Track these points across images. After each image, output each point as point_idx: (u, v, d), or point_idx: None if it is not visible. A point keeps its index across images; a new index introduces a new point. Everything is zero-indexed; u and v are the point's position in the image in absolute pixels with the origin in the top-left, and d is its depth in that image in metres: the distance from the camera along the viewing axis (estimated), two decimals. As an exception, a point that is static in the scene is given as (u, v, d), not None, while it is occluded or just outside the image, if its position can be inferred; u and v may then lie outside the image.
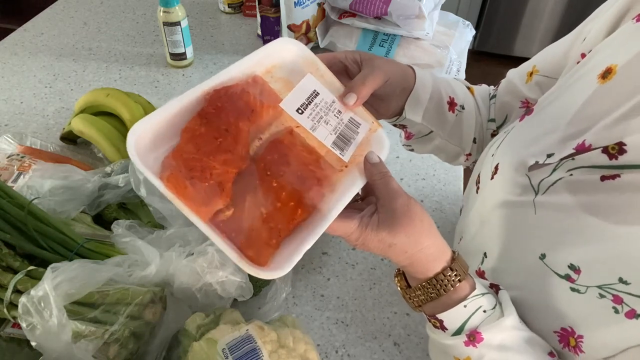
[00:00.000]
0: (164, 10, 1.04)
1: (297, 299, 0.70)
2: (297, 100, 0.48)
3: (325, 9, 1.19)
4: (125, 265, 0.58)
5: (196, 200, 0.40)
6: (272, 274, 0.40)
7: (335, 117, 0.49)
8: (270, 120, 0.47)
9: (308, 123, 0.48)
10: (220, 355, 0.51)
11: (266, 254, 0.41)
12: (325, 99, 0.49)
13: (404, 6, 1.08)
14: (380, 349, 0.65)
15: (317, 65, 0.51)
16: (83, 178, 0.70)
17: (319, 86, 0.50)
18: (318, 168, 0.46)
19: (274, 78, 0.50)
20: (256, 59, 0.49)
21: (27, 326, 0.50)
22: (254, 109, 0.46)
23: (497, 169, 0.55)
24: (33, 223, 0.60)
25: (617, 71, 0.47)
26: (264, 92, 0.48)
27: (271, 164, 0.44)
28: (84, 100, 0.89)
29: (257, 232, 0.42)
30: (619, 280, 0.41)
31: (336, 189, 0.46)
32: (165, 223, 0.66)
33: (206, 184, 0.41)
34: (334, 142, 0.48)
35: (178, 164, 0.41)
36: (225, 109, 0.44)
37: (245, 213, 0.42)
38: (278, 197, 0.43)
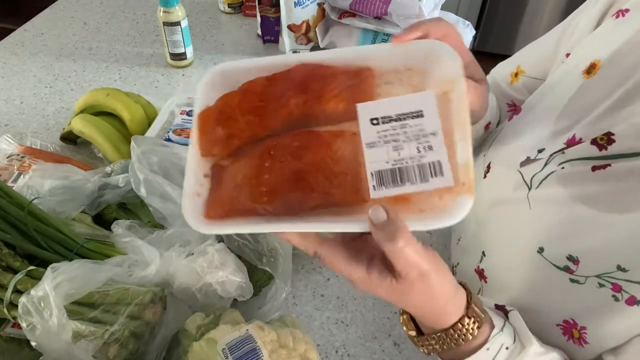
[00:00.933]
0: (164, 10, 1.04)
1: (297, 299, 0.70)
2: (384, 110, 0.39)
3: (325, 9, 1.19)
4: (125, 265, 0.58)
5: (207, 137, 0.43)
6: (200, 227, 0.40)
7: (416, 149, 0.38)
8: (338, 118, 0.42)
9: (370, 137, 0.39)
10: (220, 355, 0.51)
11: (218, 210, 0.41)
12: (426, 126, 0.38)
13: (404, 6, 1.08)
14: (380, 349, 0.65)
15: (453, 87, 0.39)
16: (83, 178, 0.70)
17: (432, 109, 0.38)
18: (327, 181, 0.39)
19: (401, 82, 0.42)
20: (388, 51, 0.42)
21: (27, 326, 0.50)
22: (321, 96, 0.41)
23: (489, 167, 0.56)
24: (33, 223, 0.60)
25: (600, 66, 0.48)
26: (358, 87, 0.41)
27: (282, 147, 0.41)
28: (84, 100, 0.89)
29: (226, 190, 0.42)
30: (617, 268, 0.42)
31: (343, 213, 0.40)
32: (165, 223, 0.66)
33: (221, 130, 0.43)
34: (380, 172, 0.38)
35: (219, 104, 0.44)
36: (293, 81, 0.42)
37: (231, 170, 0.43)
38: (257, 175, 0.41)
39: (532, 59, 0.64)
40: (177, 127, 0.84)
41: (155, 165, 0.67)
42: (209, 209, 0.42)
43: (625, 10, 0.50)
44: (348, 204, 0.40)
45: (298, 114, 0.42)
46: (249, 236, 0.63)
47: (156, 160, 0.67)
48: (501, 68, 0.69)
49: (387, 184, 0.38)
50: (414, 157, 0.38)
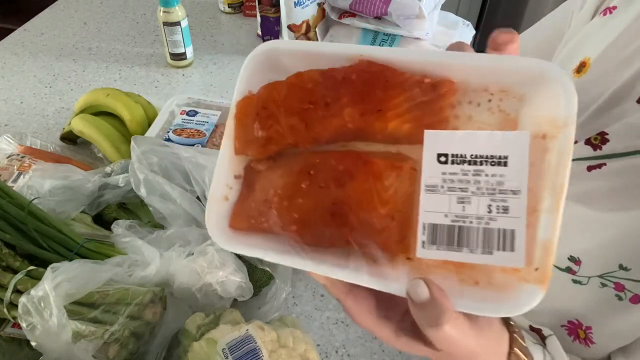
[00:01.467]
0: (164, 10, 1.04)
1: (297, 299, 0.70)
2: (458, 146, 0.30)
3: (325, 9, 1.19)
4: (125, 265, 0.58)
5: (243, 131, 0.37)
6: (215, 233, 0.36)
7: (487, 208, 0.30)
8: (399, 140, 0.34)
9: (432, 178, 0.31)
10: (220, 355, 0.51)
11: (242, 223, 0.37)
12: (507, 180, 0.29)
13: (404, 6, 1.08)
14: (380, 349, 0.65)
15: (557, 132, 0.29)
16: (83, 178, 0.70)
17: (521, 158, 0.29)
18: (368, 224, 0.33)
19: (490, 104, 0.32)
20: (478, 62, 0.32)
21: (27, 326, 0.50)
22: (384, 110, 0.33)
23: None
24: (33, 223, 0.60)
25: (590, 64, 0.48)
26: (429, 105, 0.33)
27: (325, 169, 0.34)
28: (84, 100, 0.89)
29: (255, 201, 0.37)
30: (619, 267, 0.42)
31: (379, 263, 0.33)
32: (165, 223, 0.66)
33: (259, 129, 0.37)
34: (435, 226, 0.30)
35: (262, 95, 0.37)
36: (351, 84, 0.35)
37: (266, 180, 0.37)
38: (291, 198, 0.35)
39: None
40: (177, 127, 0.84)
41: (155, 165, 0.67)
42: (234, 218, 0.37)
43: (613, 8, 0.50)
44: (388, 253, 0.33)
45: (351, 128, 0.35)
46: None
47: (156, 160, 0.67)
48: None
49: (440, 244, 0.30)
50: (481, 217, 0.30)
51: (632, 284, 0.41)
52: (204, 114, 0.86)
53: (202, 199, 0.66)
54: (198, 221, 0.66)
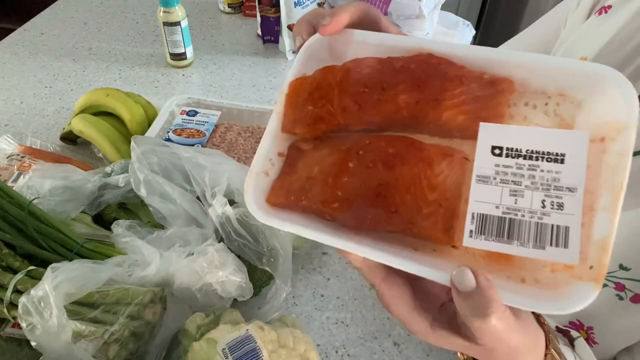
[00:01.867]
0: (164, 10, 1.04)
1: (297, 299, 0.70)
2: (513, 140, 0.30)
3: (325, 8, 1.19)
4: (125, 265, 0.58)
5: (294, 111, 0.38)
6: (254, 207, 0.35)
7: (541, 203, 0.29)
8: (451, 131, 0.34)
9: (485, 169, 0.30)
10: (220, 355, 0.51)
11: (281, 199, 0.36)
12: (563, 176, 0.29)
13: (404, 6, 1.08)
14: (380, 349, 0.65)
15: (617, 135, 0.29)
16: (83, 178, 0.70)
17: (580, 156, 0.29)
18: (415, 207, 0.32)
19: (547, 107, 0.33)
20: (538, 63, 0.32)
21: (27, 326, 0.50)
22: (440, 100, 0.33)
23: None
24: (33, 223, 0.60)
25: None
26: (486, 100, 0.33)
27: (374, 149, 0.34)
28: (84, 100, 0.89)
29: (296, 178, 0.36)
30: (619, 267, 0.42)
31: (419, 249, 0.33)
32: (165, 223, 0.66)
33: (310, 108, 0.37)
34: (485, 216, 0.30)
35: (317, 77, 0.38)
36: (409, 72, 0.35)
37: (308, 157, 0.37)
38: (336, 175, 0.35)
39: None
40: (177, 127, 0.84)
41: (155, 165, 0.67)
42: (272, 193, 0.37)
43: (608, 7, 0.50)
44: (432, 241, 0.33)
45: (405, 115, 0.34)
46: (249, 236, 0.63)
47: (156, 160, 0.67)
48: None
49: (488, 234, 0.30)
50: (534, 211, 0.29)
51: (632, 284, 0.41)
52: (204, 114, 0.86)
53: (202, 199, 0.66)
54: (198, 221, 0.66)
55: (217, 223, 0.63)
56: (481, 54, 0.34)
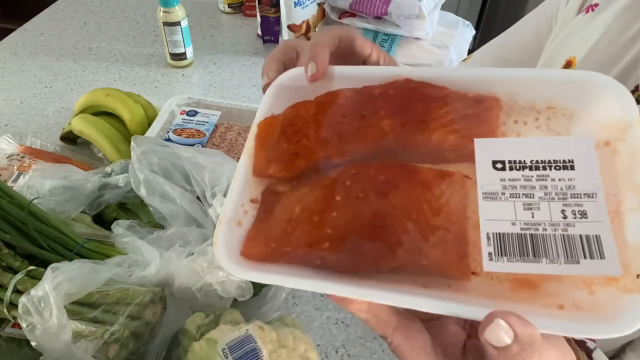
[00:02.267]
0: (164, 10, 1.04)
1: (297, 299, 0.70)
2: (513, 151, 0.28)
3: (325, 9, 1.19)
4: (125, 265, 0.58)
5: (265, 151, 0.34)
6: (226, 262, 0.30)
7: (561, 214, 0.27)
8: (443, 155, 0.31)
9: (491, 185, 0.28)
10: (220, 355, 0.51)
11: (258, 249, 0.31)
12: (578, 182, 0.27)
13: (404, 6, 1.08)
14: (380, 349, 0.65)
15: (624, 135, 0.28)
16: (83, 178, 0.70)
17: (589, 161, 0.27)
18: (420, 235, 0.28)
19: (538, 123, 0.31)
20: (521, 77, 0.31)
21: (27, 326, 0.50)
22: (426, 122, 0.31)
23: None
24: (33, 223, 0.60)
25: (577, 63, 0.48)
26: (475, 118, 0.31)
27: (362, 179, 0.31)
28: (84, 100, 0.89)
29: (274, 224, 0.32)
30: None
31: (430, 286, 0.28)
32: (165, 223, 0.66)
33: (285, 146, 0.34)
34: (502, 235, 0.27)
35: (288, 113, 0.35)
36: (388, 98, 0.33)
37: (288, 200, 0.33)
38: (321, 212, 0.31)
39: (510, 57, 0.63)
40: (177, 127, 0.84)
41: (155, 165, 0.67)
42: (248, 244, 0.32)
43: (595, 5, 0.50)
44: (446, 274, 0.28)
45: (391, 140, 0.32)
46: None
47: (156, 160, 0.67)
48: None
49: (511, 255, 0.26)
50: (556, 223, 0.26)
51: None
52: (204, 114, 0.86)
53: (202, 199, 0.66)
54: (198, 221, 0.66)
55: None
56: (460, 74, 0.32)
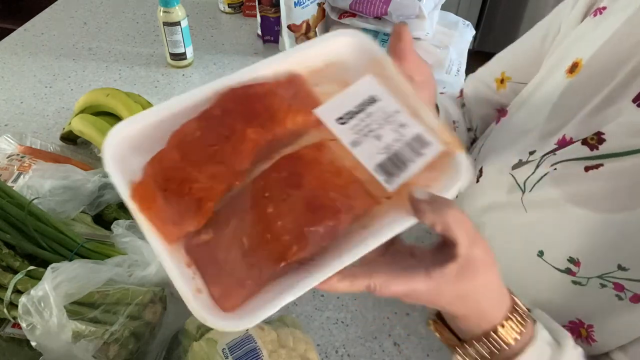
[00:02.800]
0: (164, 10, 1.04)
1: (297, 299, 0.70)
2: (342, 107, 0.37)
3: (325, 9, 1.19)
4: (125, 265, 0.58)
5: (163, 217, 0.34)
6: (230, 324, 0.31)
7: (392, 131, 0.37)
8: (300, 131, 0.38)
9: (348, 137, 0.36)
10: (220, 355, 0.51)
11: (235, 296, 0.33)
12: (386, 107, 0.37)
13: (404, 6, 1.08)
14: (380, 349, 0.65)
15: (383, 65, 0.39)
16: (83, 178, 0.70)
17: (381, 91, 0.38)
18: (343, 196, 0.35)
19: (326, 79, 0.40)
20: (300, 55, 0.40)
21: (27, 326, 0.50)
22: (275, 115, 0.37)
23: (482, 172, 0.55)
24: (33, 223, 0.60)
25: (583, 65, 0.48)
26: (300, 95, 0.38)
27: (274, 184, 0.35)
28: (84, 100, 0.89)
29: (231, 267, 0.33)
30: (617, 267, 0.42)
31: (369, 225, 0.35)
32: (165, 223, 0.66)
33: (181, 200, 0.34)
34: (380, 164, 0.36)
35: (154, 171, 0.35)
36: (233, 111, 0.36)
37: (224, 240, 0.34)
38: (269, 227, 0.33)
39: (516, 64, 0.63)
40: (177, 127, 0.84)
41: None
42: (224, 300, 0.33)
43: (603, 8, 0.50)
44: (370, 210, 0.36)
45: (263, 143, 0.36)
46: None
47: (156, 160, 0.67)
48: (483, 75, 0.67)
49: (393, 173, 0.35)
50: (397, 138, 0.37)
51: (631, 284, 0.41)
52: (204, 114, 0.86)
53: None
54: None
55: (217, 223, 0.63)
56: (260, 69, 0.38)
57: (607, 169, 0.43)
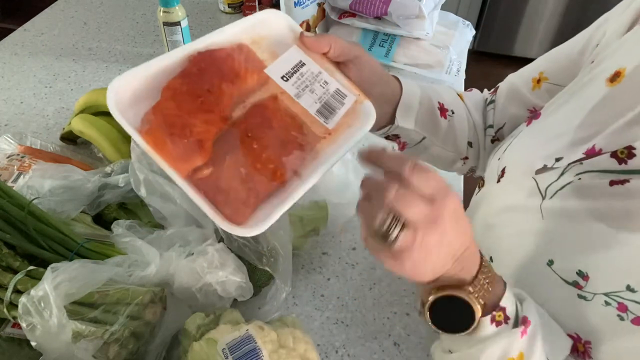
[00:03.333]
0: (164, 10, 1.04)
1: (297, 299, 0.70)
2: (283, 68, 0.49)
3: (325, 9, 1.19)
4: (125, 265, 0.58)
5: (174, 156, 0.41)
6: (248, 231, 0.41)
7: (320, 87, 0.50)
8: (255, 87, 0.48)
9: (293, 90, 0.48)
10: (220, 355, 0.51)
11: (243, 213, 0.42)
12: (312, 69, 0.50)
13: (404, 6, 1.08)
14: (380, 349, 0.65)
15: (294, 36, 0.52)
16: (83, 178, 0.70)
17: (305, 57, 0.51)
18: (301, 134, 0.47)
19: (260, 49, 0.50)
20: (241, 27, 0.49)
21: (27, 326, 0.50)
22: (238, 73, 0.46)
23: (504, 172, 0.54)
24: (33, 223, 0.60)
25: (625, 75, 0.46)
26: (249, 59, 0.48)
27: (253, 127, 0.45)
28: (84, 100, 0.89)
29: (235, 192, 0.42)
30: (626, 287, 0.41)
31: (319, 155, 0.47)
32: (165, 223, 0.66)
33: (185, 141, 0.41)
34: (319, 110, 0.48)
35: (158, 119, 0.41)
36: (208, 70, 0.45)
37: (224, 172, 0.42)
38: (258, 159, 0.44)
39: (555, 65, 0.62)
40: (177, 127, 0.84)
41: (155, 165, 0.67)
42: (235, 218, 0.41)
43: None
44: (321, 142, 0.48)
45: (235, 95, 0.46)
46: (249, 236, 0.63)
47: (156, 160, 0.67)
48: (522, 73, 0.66)
49: (328, 116, 0.49)
50: (324, 92, 0.50)
51: (635, 306, 0.40)
52: (204, 114, 0.86)
53: (202, 199, 0.66)
54: (198, 221, 0.66)
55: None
56: (216, 37, 0.47)
57: (633, 186, 0.42)
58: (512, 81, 0.67)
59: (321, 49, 0.52)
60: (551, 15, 2.58)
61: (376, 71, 0.56)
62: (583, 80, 0.52)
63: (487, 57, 2.81)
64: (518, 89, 0.65)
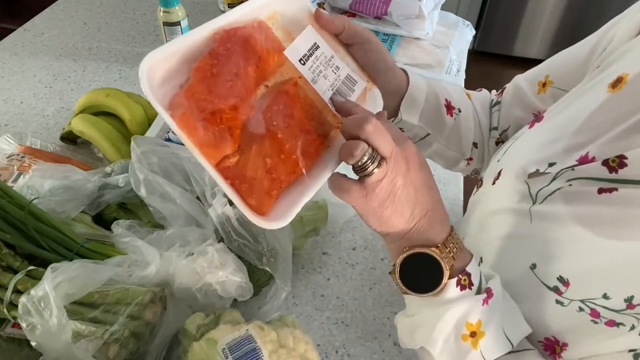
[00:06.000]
0: (164, 10, 1.04)
1: (297, 299, 0.70)
2: (300, 50, 0.47)
3: (325, 9, 1.19)
4: (125, 265, 0.58)
5: (205, 143, 0.40)
6: (274, 224, 0.41)
7: (333, 72, 0.48)
8: (275, 69, 0.47)
9: (309, 75, 0.46)
10: (220, 355, 0.51)
11: (267, 204, 0.42)
12: (325, 53, 0.48)
13: (404, 6, 1.08)
14: (380, 349, 0.65)
15: (311, 17, 0.50)
16: (83, 178, 0.70)
17: (319, 39, 0.48)
18: (319, 123, 0.46)
19: (275, 25, 0.48)
20: (259, 3, 0.47)
21: (27, 326, 0.50)
22: (261, 55, 0.45)
23: (500, 174, 0.54)
24: (33, 223, 0.60)
25: (627, 81, 0.46)
26: (268, 38, 0.46)
27: (277, 115, 0.44)
28: (84, 100, 0.89)
29: (259, 182, 0.42)
30: (602, 295, 0.41)
31: (333, 145, 0.46)
32: (165, 223, 0.66)
33: (216, 128, 0.41)
34: (331, 98, 0.47)
35: (190, 104, 0.41)
36: (235, 51, 0.43)
37: (250, 161, 0.42)
38: (282, 149, 0.43)
39: (561, 69, 0.61)
40: (177, 127, 0.84)
41: (155, 165, 0.67)
42: (259, 208, 0.42)
43: None
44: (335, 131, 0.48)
45: (259, 78, 0.45)
46: (249, 236, 0.63)
47: (156, 160, 0.67)
48: (529, 75, 0.65)
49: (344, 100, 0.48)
50: (336, 77, 0.48)
51: (608, 313, 0.40)
52: (204, 114, 0.86)
53: (202, 199, 0.66)
54: (198, 221, 0.66)
55: (217, 223, 0.63)
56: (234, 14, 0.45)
57: (621, 195, 0.42)
58: (518, 83, 0.66)
59: (336, 30, 0.50)
60: (551, 15, 2.58)
61: (384, 59, 0.55)
62: (587, 85, 0.52)
63: (487, 57, 2.81)
64: (523, 91, 0.64)
